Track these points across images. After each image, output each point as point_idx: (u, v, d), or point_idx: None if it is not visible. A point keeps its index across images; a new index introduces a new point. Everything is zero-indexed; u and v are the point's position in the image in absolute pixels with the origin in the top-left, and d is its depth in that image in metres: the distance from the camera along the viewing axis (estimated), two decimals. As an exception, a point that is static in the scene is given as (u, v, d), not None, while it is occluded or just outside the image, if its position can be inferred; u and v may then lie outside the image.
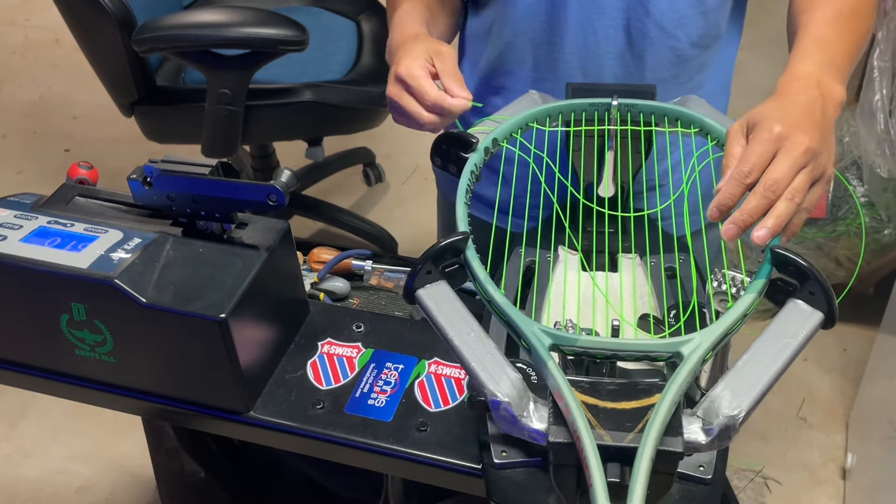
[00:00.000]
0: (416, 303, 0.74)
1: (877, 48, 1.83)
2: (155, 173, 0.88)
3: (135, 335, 0.86)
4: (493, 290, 0.73)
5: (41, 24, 3.15)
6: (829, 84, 0.84)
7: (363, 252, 1.09)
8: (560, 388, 0.66)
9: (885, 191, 1.89)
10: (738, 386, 0.67)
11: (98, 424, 1.87)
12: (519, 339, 0.72)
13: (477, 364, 0.70)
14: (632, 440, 0.63)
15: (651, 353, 0.70)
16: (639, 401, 0.66)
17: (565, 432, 0.66)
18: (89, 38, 1.81)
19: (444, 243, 0.74)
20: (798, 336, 0.70)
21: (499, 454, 0.76)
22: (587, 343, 0.69)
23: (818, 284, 0.71)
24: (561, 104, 0.93)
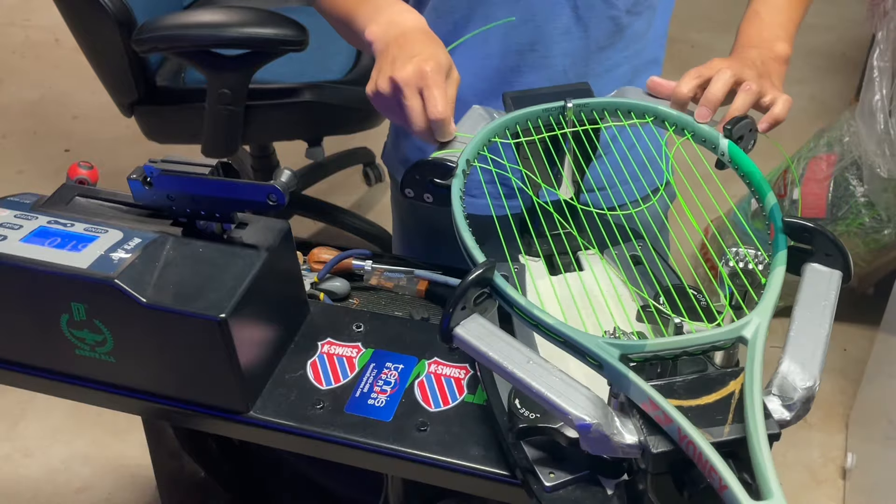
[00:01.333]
0: (457, 343, 0.70)
1: (877, 48, 1.83)
2: (155, 173, 0.88)
3: (135, 335, 0.86)
4: (541, 313, 0.69)
5: (41, 24, 3.16)
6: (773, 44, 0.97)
7: (363, 252, 1.09)
8: (651, 397, 0.64)
9: (885, 191, 1.89)
10: (803, 357, 0.69)
11: (98, 424, 1.87)
12: (583, 357, 0.68)
13: (550, 391, 0.67)
14: (731, 432, 0.63)
15: (716, 343, 0.69)
16: (717, 393, 0.66)
17: (665, 441, 0.64)
18: (89, 38, 1.81)
19: (474, 277, 0.69)
20: (830, 297, 0.74)
21: (547, 477, 0.74)
22: (655, 346, 0.68)
23: (833, 244, 0.75)
24: (517, 115, 0.92)
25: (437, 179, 0.83)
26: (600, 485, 0.75)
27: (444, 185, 0.83)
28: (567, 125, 0.93)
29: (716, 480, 0.60)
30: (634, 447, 0.66)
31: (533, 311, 0.69)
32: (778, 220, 0.79)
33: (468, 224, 0.79)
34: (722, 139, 0.88)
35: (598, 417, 0.65)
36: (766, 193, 0.82)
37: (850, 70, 2.73)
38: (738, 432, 0.63)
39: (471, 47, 1.10)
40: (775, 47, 0.97)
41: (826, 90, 2.78)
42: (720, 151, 0.88)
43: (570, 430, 0.72)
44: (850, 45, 2.88)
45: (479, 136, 0.88)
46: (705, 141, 0.89)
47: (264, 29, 1.64)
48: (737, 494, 0.58)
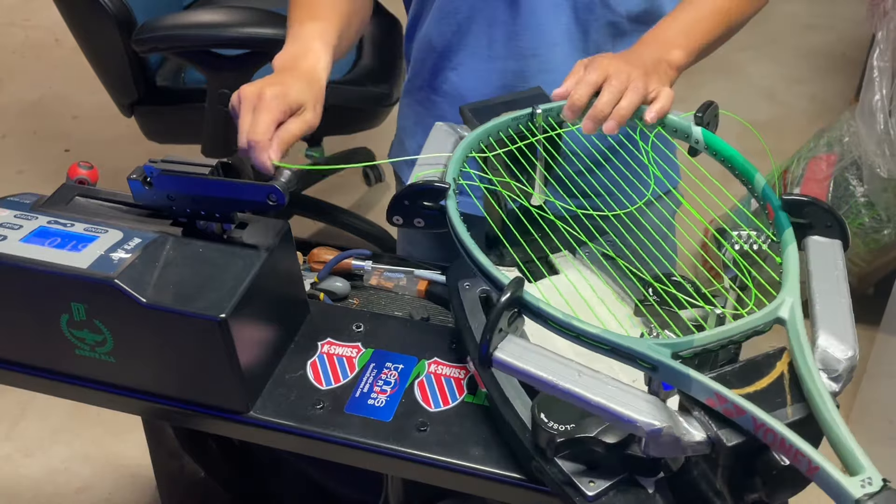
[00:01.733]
0: (497, 367, 0.68)
1: (877, 48, 1.83)
2: (155, 173, 0.88)
3: (135, 335, 0.86)
4: (582, 324, 0.68)
5: (41, 24, 3.16)
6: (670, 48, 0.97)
7: (363, 252, 1.09)
8: (718, 391, 0.64)
9: (885, 191, 1.89)
10: (835, 329, 0.69)
11: (98, 424, 1.87)
12: (635, 362, 0.67)
13: (613, 402, 0.65)
14: (796, 412, 0.64)
15: (757, 328, 0.70)
16: (768, 377, 0.66)
17: (736, 432, 0.64)
18: (89, 38, 1.81)
19: (507, 299, 0.67)
20: (839, 265, 0.76)
21: (588, 486, 0.74)
22: (703, 340, 0.68)
23: (830, 215, 0.78)
24: (488, 127, 0.91)
25: (428, 203, 0.81)
26: (640, 485, 0.74)
27: (435, 208, 0.81)
28: (538, 131, 0.93)
29: (803, 463, 0.59)
30: (703, 443, 0.65)
31: (573, 322, 0.68)
32: (774, 199, 0.80)
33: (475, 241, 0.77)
34: (694, 127, 0.89)
35: (666, 420, 0.65)
36: (754, 175, 0.83)
37: (850, 70, 2.73)
38: (802, 411, 0.64)
39: (475, 51, 1.10)
40: (672, 53, 0.97)
41: (826, 90, 2.78)
42: (694, 139, 0.89)
43: (610, 437, 0.72)
44: (850, 45, 2.88)
45: (457, 154, 0.87)
46: (676, 131, 0.90)
47: (264, 29, 1.64)
48: (832, 474, 0.58)
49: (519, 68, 1.09)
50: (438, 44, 1.13)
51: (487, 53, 1.10)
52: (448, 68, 1.14)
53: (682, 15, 1.02)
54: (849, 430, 0.60)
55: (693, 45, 0.99)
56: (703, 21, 1.01)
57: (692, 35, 0.99)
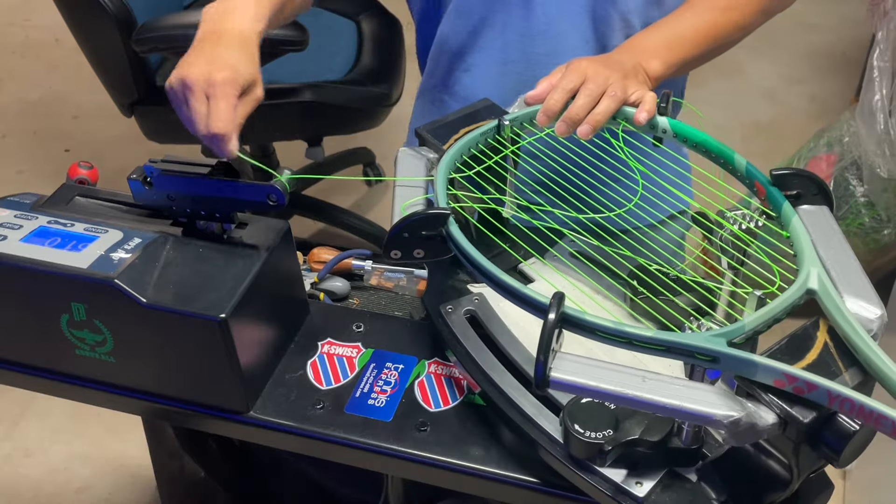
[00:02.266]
0: (556, 388, 0.66)
1: (877, 48, 1.83)
2: (155, 173, 0.88)
3: (135, 335, 0.86)
4: (634, 329, 0.66)
5: (41, 24, 3.15)
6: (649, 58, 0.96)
7: (363, 252, 1.09)
8: (786, 371, 0.64)
9: (885, 191, 1.89)
10: (858, 291, 0.71)
11: (98, 424, 1.87)
12: (694, 357, 0.66)
13: (684, 401, 0.65)
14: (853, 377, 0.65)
15: (795, 302, 0.70)
16: (814, 349, 0.67)
17: (807, 409, 0.64)
18: (89, 38, 1.81)
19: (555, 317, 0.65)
20: (836, 229, 0.77)
21: (636, 487, 0.73)
22: (753, 323, 0.68)
23: (815, 183, 0.80)
24: (459, 146, 0.90)
25: (425, 231, 0.78)
26: (683, 476, 0.74)
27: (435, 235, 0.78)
28: (508, 142, 0.93)
29: (887, 425, 0.61)
30: (776, 425, 0.66)
31: (624, 329, 0.66)
32: (762, 176, 0.82)
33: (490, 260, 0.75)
34: (659, 118, 0.89)
35: (740, 409, 0.65)
36: (733, 156, 0.84)
37: (850, 70, 2.73)
38: (860, 376, 0.65)
39: (489, 54, 1.09)
40: (651, 62, 0.96)
41: (826, 90, 2.78)
42: (661, 129, 0.89)
43: (654, 434, 0.72)
44: (850, 45, 2.88)
45: (440, 179, 0.85)
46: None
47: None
48: None
49: (532, 73, 1.07)
50: (453, 43, 1.12)
51: (501, 56, 1.09)
52: (461, 69, 1.13)
53: (666, 27, 1.01)
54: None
55: (673, 59, 0.98)
56: (686, 36, 0.99)
57: (674, 48, 0.98)
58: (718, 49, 1.02)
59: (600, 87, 0.88)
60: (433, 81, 1.19)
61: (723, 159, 0.85)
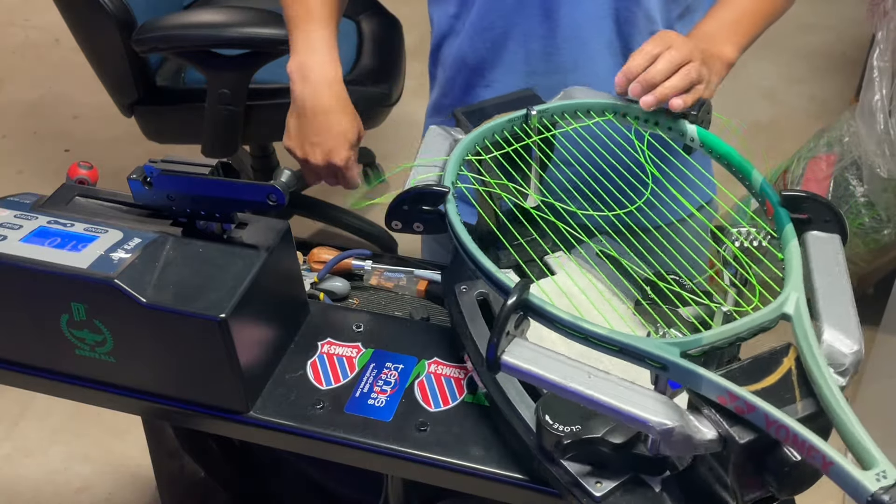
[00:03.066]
0: (506, 370, 0.68)
1: (877, 48, 1.83)
2: (155, 173, 0.88)
3: (135, 335, 0.86)
4: (590, 325, 0.67)
5: (41, 24, 3.15)
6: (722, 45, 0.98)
7: (363, 252, 1.09)
8: (730, 389, 0.64)
9: (885, 191, 1.89)
10: (840, 323, 0.70)
11: (98, 424, 1.87)
12: (644, 362, 0.67)
13: (623, 402, 0.65)
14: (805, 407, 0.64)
15: (763, 325, 0.69)
16: (775, 373, 0.66)
17: (747, 429, 0.64)
18: (89, 38, 1.81)
19: (513, 302, 0.67)
20: (840, 260, 0.75)
21: (595, 486, 0.73)
22: (712, 338, 0.68)
23: (829, 210, 0.77)
24: (483, 130, 0.91)
25: (425, 207, 0.81)
26: (646, 484, 0.74)
27: (434, 212, 0.81)
28: (533, 132, 0.93)
29: (818, 458, 0.60)
30: (715, 441, 0.65)
31: (580, 324, 0.67)
32: (773, 196, 0.80)
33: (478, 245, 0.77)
34: (689, 125, 0.89)
35: (677, 419, 0.65)
36: (751, 172, 0.83)
37: (850, 70, 2.73)
38: (812, 407, 0.64)
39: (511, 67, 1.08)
40: (724, 49, 0.97)
41: (826, 90, 2.78)
42: (689, 137, 0.88)
43: (617, 437, 0.72)
44: (850, 45, 2.88)
45: (455, 157, 0.87)
46: (671, 129, 0.90)
47: (264, 29, 1.64)
48: (847, 468, 0.58)
49: (557, 83, 1.05)
50: (472, 60, 1.11)
51: (524, 69, 1.08)
52: (481, 85, 1.12)
53: (727, 10, 1.02)
54: (861, 424, 0.60)
55: (743, 40, 1.00)
56: (748, 14, 1.01)
57: (740, 30, 1.00)
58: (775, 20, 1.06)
59: (683, 56, 0.89)
60: (448, 100, 1.17)
61: (742, 174, 0.85)
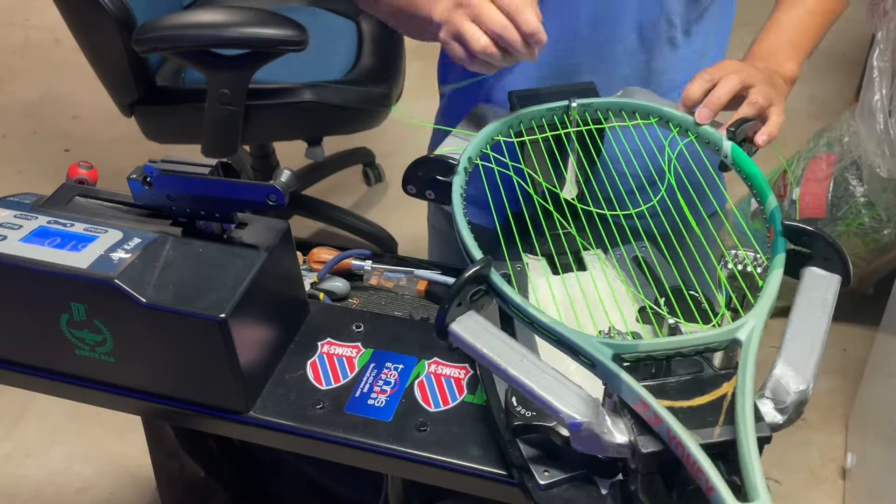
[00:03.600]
0: (451, 339, 0.71)
1: (877, 48, 1.83)
2: (155, 173, 0.88)
3: (135, 335, 0.86)
4: (535, 311, 0.69)
5: (41, 24, 3.15)
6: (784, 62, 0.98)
7: (363, 252, 1.09)
8: (642, 397, 0.64)
9: (885, 191, 1.89)
10: (797, 360, 0.68)
11: (98, 424, 1.87)
12: (576, 356, 0.69)
13: (543, 390, 0.67)
14: (722, 434, 0.63)
15: (710, 345, 0.69)
16: (710, 394, 0.66)
17: (654, 441, 0.64)
18: (89, 38, 1.81)
19: (469, 274, 0.70)
20: (828, 301, 0.73)
21: (542, 475, 0.74)
22: (648, 347, 0.68)
23: (831, 248, 0.75)
24: (520, 114, 0.92)
25: (439, 177, 0.84)
26: (595, 484, 0.75)
27: (445, 182, 0.84)
28: (571, 124, 0.93)
29: (703, 481, 0.60)
30: (625, 447, 0.66)
31: (528, 309, 0.69)
32: (777, 223, 0.78)
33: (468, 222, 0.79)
34: (725, 141, 0.87)
35: (588, 416, 0.66)
36: (768, 196, 0.82)
37: (850, 70, 2.73)
38: (729, 434, 0.63)
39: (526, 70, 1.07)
40: (785, 66, 0.97)
41: (826, 90, 2.78)
42: (723, 154, 0.87)
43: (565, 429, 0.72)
44: (850, 45, 2.88)
45: (482, 134, 0.89)
46: (709, 143, 0.89)
47: (264, 29, 1.64)
48: (723, 496, 0.58)
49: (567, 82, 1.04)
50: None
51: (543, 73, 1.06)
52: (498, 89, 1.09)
53: (783, 25, 1.02)
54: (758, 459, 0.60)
55: (802, 55, 1.00)
56: (805, 27, 1.01)
57: (799, 44, 1.00)
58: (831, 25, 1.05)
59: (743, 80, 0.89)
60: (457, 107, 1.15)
61: (759, 196, 0.84)
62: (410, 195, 0.87)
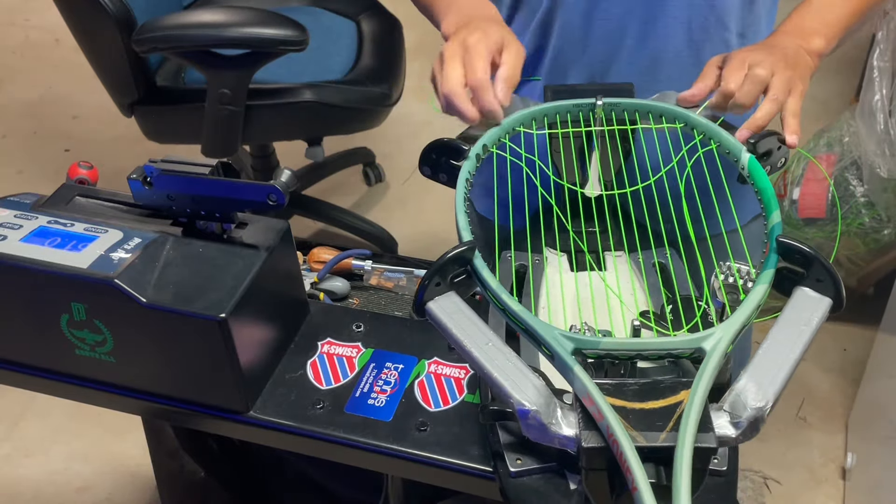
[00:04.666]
0: (427, 317, 0.72)
1: (877, 48, 1.83)
2: (155, 173, 0.88)
3: (135, 335, 0.86)
4: (508, 298, 0.71)
5: (41, 24, 3.16)
6: (810, 36, 0.95)
7: (363, 252, 1.09)
8: (589, 392, 0.65)
9: (885, 191, 1.89)
10: (762, 377, 0.68)
11: (98, 424, 1.87)
12: (539, 346, 0.70)
13: (499, 374, 0.68)
14: (666, 439, 0.63)
15: (673, 351, 0.69)
16: (666, 399, 0.66)
17: (597, 437, 0.64)
18: (89, 38, 1.81)
19: (452, 254, 0.72)
20: (811, 323, 0.71)
21: (514, 462, 0.75)
22: (610, 345, 0.68)
23: (825, 270, 0.73)
24: (546, 107, 0.92)
25: (452, 160, 0.85)
26: (565, 478, 0.75)
27: (456, 167, 0.85)
28: (595, 123, 0.93)
29: (630, 481, 0.60)
30: (570, 440, 0.66)
31: (501, 295, 0.71)
32: (773, 240, 0.77)
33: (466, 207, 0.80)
34: (744, 153, 0.85)
35: (538, 405, 0.66)
36: (773, 211, 0.80)
37: (850, 70, 2.73)
38: (672, 441, 0.62)
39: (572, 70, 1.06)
40: (813, 41, 0.95)
41: (826, 90, 2.78)
42: (741, 165, 0.86)
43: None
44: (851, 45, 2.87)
45: (504, 123, 0.89)
46: (729, 153, 0.88)
47: (264, 29, 1.64)
48: (644, 497, 0.58)
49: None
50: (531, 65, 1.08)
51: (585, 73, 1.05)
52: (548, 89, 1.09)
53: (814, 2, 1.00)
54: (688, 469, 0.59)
55: (832, 32, 0.98)
56: (840, 6, 0.99)
57: (832, 22, 0.98)
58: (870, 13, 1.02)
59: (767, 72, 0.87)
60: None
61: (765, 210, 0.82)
62: (425, 176, 0.88)
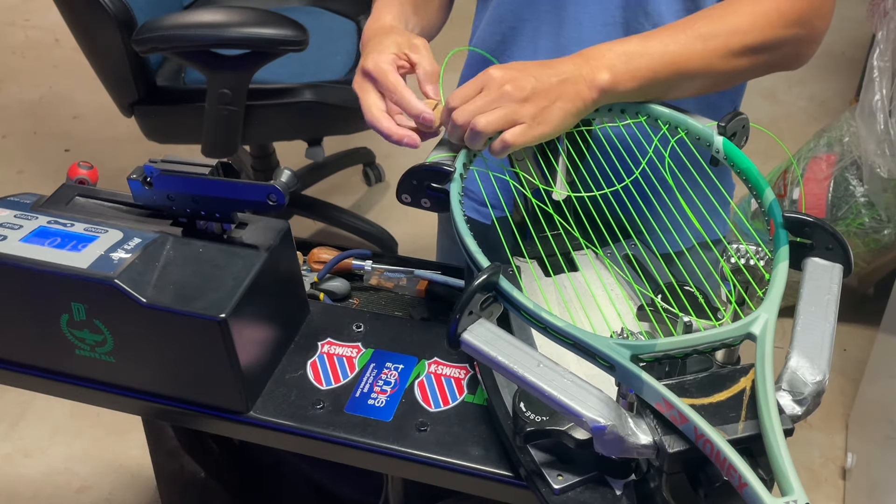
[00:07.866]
0: (464, 348, 0.69)
1: (877, 48, 1.83)
2: (155, 173, 0.88)
3: (135, 335, 0.86)
4: (549, 316, 0.68)
5: (41, 24, 3.16)
6: (597, 68, 0.86)
7: (363, 252, 1.09)
8: (665, 397, 0.64)
9: (885, 191, 1.89)
10: (811, 351, 0.69)
11: (98, 424, 1.87)
12: (594, 359, 0.68)
13: (562, 394, 0.66)
14: (746, 429, 0.63)
15: (726, 340, 0.69)
16: (728, 390, 0.66)
17: (680, 440, 0.64)
18: (89, 38, 1.81)
19: (479, 282, 0.69)
20: (833, 290, 0.74)
21: (556, 479, 0.74)
22: (666, 346, 0.68)
23: (832, 237, 0.76)
24: None
25: (435, 184, 0.83)
26: (608, 485, 0.74)
27: (441, 190, 0.83)
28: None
29: (735, 478, 0.60)
30: (649, 447, 0.66)
31: (541, 314, 0.69)
32: (778, 216, 0.79)
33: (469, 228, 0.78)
34: (716, 136, 0.88)
35: (612, 419, 0.65)
36: (764, 189, 0.82)
37: (850, 70, 2.74)
38: (753, 429, 0.63)
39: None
40: (600, 74, 0.85)
41: (826, 90, 2.78)
42: (715, 149, 0.88)
43: (580, 432, 0.72)
44: (850, 45, 2.88)
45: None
46: (699, 139, 0.89)
47: (264, 29, 1.64)
48: (758, 492, 0.58)
49: None
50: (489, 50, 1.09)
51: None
52: None
53: (634, 41, 0.90)
54: (788, 452, 0.60)
55: (628, 75, 0.87)
56: (651, 55, 0.88)
57: (632, 64, 0.87)
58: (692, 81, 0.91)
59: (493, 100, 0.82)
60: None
61: (756, 190, 0.84)
62: (405, 204, 0.85)
